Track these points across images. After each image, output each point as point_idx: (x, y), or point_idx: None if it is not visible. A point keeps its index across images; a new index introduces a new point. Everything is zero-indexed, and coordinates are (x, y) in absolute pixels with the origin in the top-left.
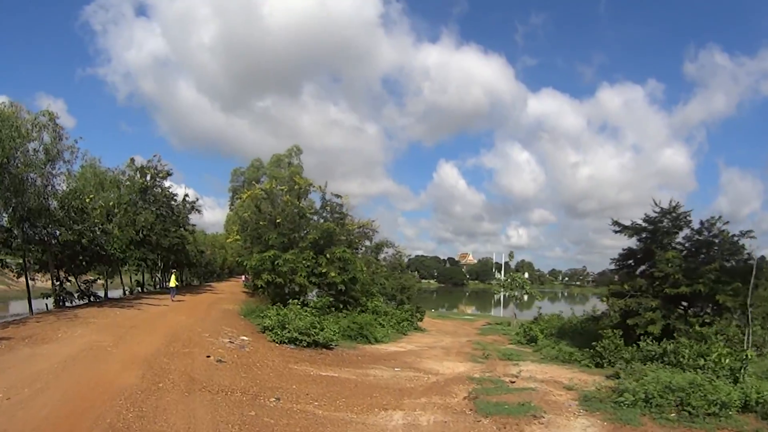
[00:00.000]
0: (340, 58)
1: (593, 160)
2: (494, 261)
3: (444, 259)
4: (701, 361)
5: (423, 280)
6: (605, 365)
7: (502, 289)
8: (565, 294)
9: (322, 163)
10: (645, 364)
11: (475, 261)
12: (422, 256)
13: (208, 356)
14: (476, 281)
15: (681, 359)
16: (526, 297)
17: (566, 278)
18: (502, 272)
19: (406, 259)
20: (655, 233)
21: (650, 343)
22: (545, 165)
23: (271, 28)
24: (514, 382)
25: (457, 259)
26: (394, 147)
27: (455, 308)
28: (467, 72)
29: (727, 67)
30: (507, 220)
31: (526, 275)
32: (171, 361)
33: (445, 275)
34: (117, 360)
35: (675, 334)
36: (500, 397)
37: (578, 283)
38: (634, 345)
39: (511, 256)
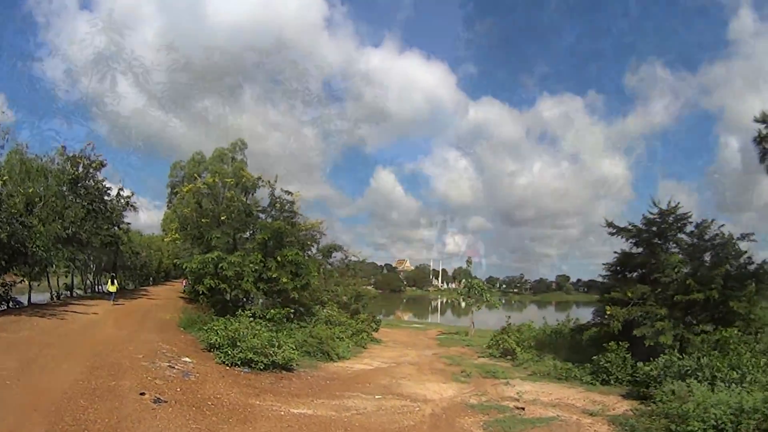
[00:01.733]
0: (282, 60)
1: (531, 169)
2: (431, 268)
3: (381, 266)
4: (734, 374)
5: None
6: (612, 382)
7: (461, 297)
8: (503, 301)
9: (260, 166)
10: (686, 382)
11: (413, 267)
12: (359, 261)
13: (143, 393)
14: (413, 288)
15: (717, 373)
16: (463, 304)
17: (503, 285)
18: (440, 279)
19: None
20: (656, 236)
21: (680, 356)
22: (483, 173)
23: (214, 27)
24: (522, 408)
25: (394, 265)
26: (332, 151)
27: (392, 315)
28: (409, 78)
29: (668, 81)
30: (443, 226)
31: (463, 282)
32: (90, 405)
33: (383, 282)
34: (13, 404)
35: (711, 345)
36: None
37: (516, 290)
38: (650, 359)
39: (468, 262)
